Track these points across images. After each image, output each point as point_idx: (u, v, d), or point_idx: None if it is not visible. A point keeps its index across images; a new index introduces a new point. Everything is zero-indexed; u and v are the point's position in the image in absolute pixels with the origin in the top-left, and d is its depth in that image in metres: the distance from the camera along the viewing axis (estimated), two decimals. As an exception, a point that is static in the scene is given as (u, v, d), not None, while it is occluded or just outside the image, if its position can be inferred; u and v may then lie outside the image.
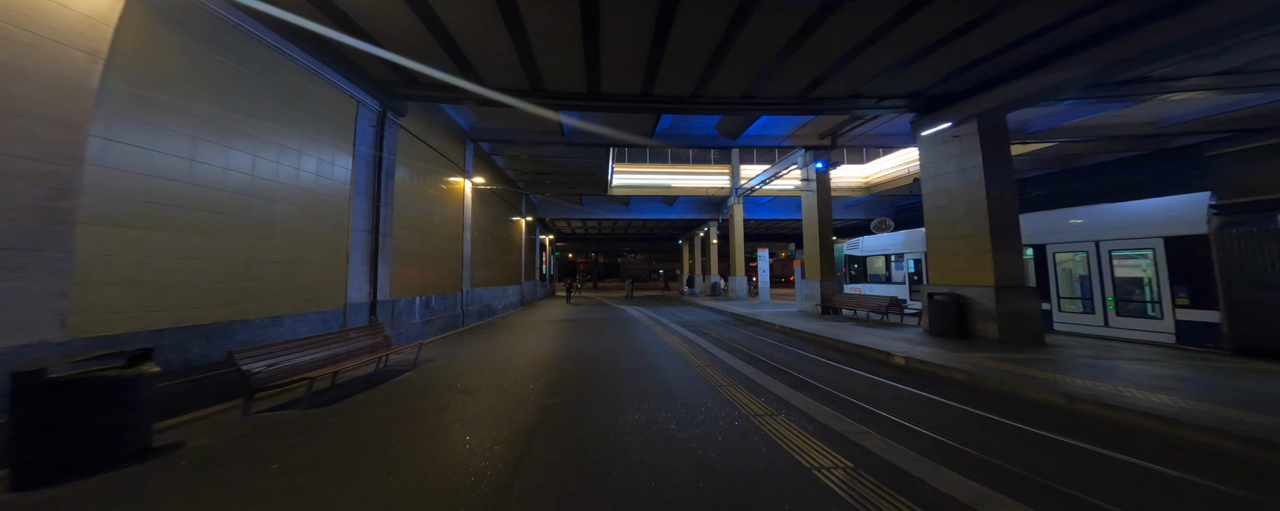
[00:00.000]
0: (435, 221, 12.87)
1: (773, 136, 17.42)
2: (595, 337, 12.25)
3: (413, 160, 11.39)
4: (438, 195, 13.19)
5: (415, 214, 11.40)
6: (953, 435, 4.65)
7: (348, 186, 8.46)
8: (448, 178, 14.02)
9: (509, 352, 9.79)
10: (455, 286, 14.48)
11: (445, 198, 13.84)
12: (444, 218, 13.58)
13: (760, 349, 10.15)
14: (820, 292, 15.59)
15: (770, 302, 22.03)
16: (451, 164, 14.29)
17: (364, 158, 8.97)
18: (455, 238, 14.58)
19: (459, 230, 14.97)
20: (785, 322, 13.82)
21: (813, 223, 16.48)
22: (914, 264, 15.79)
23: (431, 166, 12.61)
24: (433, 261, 12.56)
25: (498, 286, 20.20)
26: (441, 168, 13.43)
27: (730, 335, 12.69)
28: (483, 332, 13.43)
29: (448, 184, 14.09)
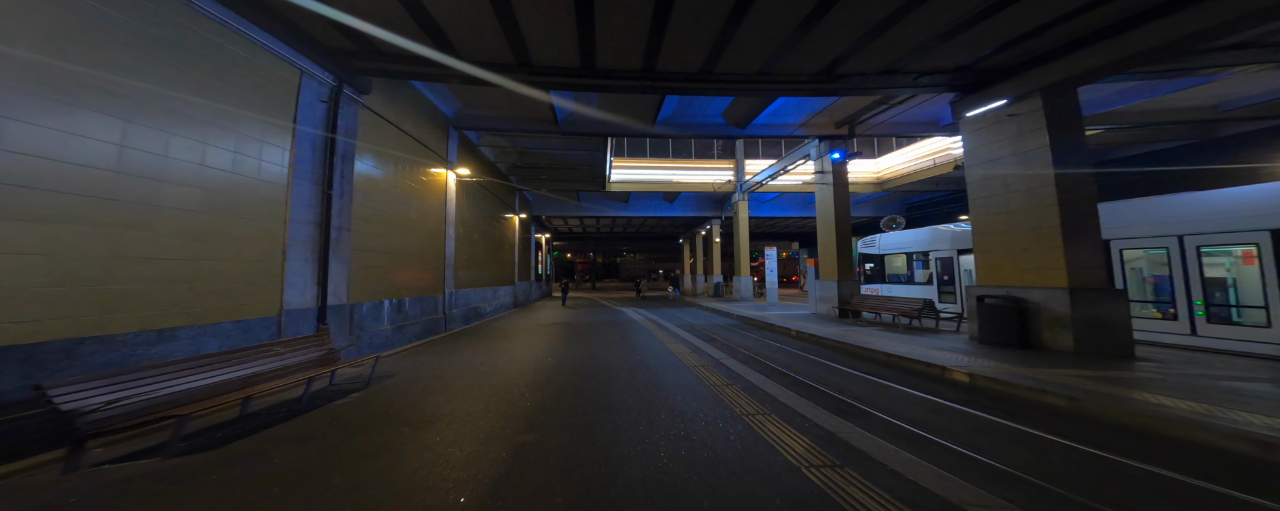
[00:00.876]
0: (411, 216, 11.31)
1: (784, 125, 15.89)
2: (591, 346, 10.69)
3: (381, 145, 9.83)
4: (414, 186, 11.63)
5: (383, 206, 9.84)
6: (1131, 507, 3.11)
7: (285, 170, 6.90)
8: (427, 168, 12.46)
9: (489, 365, 8.23)
10: (436, 288, 12.92)
11: (424, 190, 12.28)
12: (422, 212, 12.02)
13: (781, 359, 8.60)
14: (838, 294, 14.04)
15: (779, 304, 20.48)
16: (431, 153, 12.73)
17: (310, 138, 7.41)
18: (436, 234, 13.02)
19: (440, 226, 13.40)
20: (801, 327, 12.28)
21: (829, 218, 14.94)
22: (940, 263, 14.23)
23: (406, 154, 11.05)
24: (407, 260, 11.00)
25: (487, 288, 18.63)
26: (418, 156, 11.88)
27: (742, 342, 11.15)
28: (465, 339, 11.87)
29: (427, 175, 12.53)
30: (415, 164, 11.65)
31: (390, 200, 10.24)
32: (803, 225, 33.52)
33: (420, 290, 11.73)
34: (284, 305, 6.64)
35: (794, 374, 7.35)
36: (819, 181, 15.79)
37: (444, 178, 13.79)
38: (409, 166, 11.26)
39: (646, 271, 69.75)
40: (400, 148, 10.75)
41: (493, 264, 19.76)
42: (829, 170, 15.07)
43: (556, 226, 36.56)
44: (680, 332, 12.95)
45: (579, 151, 20.24)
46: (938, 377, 6.78)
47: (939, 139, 18.71)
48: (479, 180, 17.21)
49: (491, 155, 20.04)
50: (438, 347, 10.39)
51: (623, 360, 8.63)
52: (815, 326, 12.31)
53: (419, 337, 11.51)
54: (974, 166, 9.29)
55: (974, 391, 6.05)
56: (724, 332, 12.93)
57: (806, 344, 10.49)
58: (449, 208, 14.02)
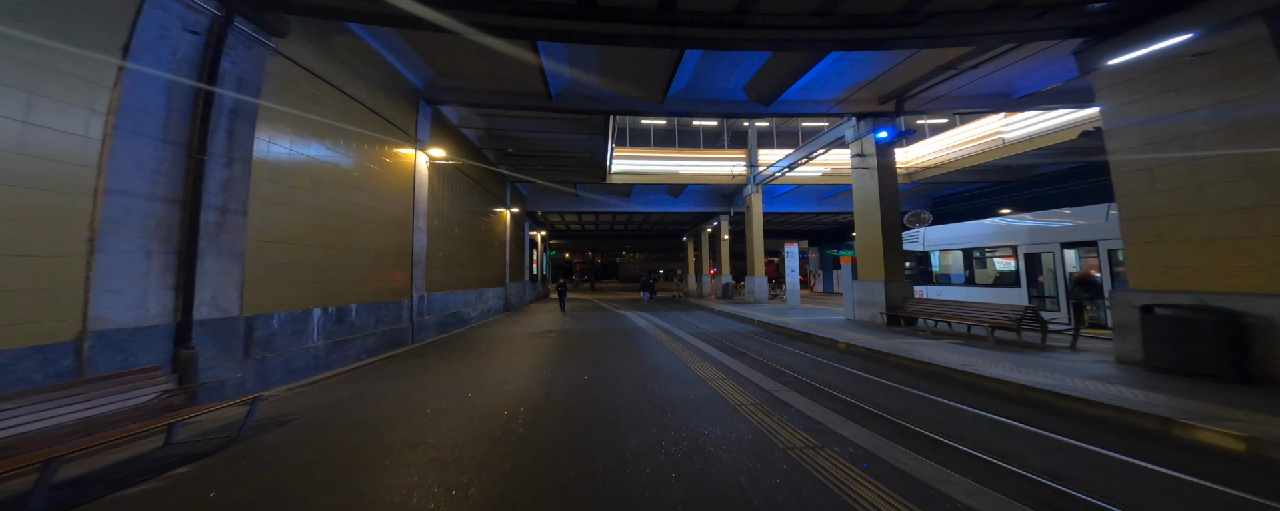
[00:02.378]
0: (360, 202, 8.74)
1: (818, 102, 13.34)
2: (593, 365, 8.13)
3: (310, 110, 7.26)
4: (368, 168, 9.08)
5: (311, 187, 7.29)
6: None
7: (103, 120, 4.30)
8: (387, 147, 9.89)
9: (447, 402, 5.66)
10: (399, 290, 10.33)
11: (382, 173, 9.71)
12: (378, 198, 9.45)
13: (856, 391, 6.05)
14: (885, 297, 11.49)
15: (800, 308, 17.92)
16: (393, 128, 10.16)
17: (159, 82, 4.83)
18: (399, 226, 10.44)
19: (406, 216, 10.82)
20: (847, 337, 9.76)
21: (871, 209, 12.40)
22: (1029, 259, 11.43)
23: (352, 126, 8.49)
24: (352, 256, 8.42)
25: (472, 289, 16.04)
26: (374, 131, 9.32)
27: (783, 358, 8.61)
28: (435, 356, 9.29)
29: (388, 155, 9.96)
30: (368, 140, 9.07)
31: (325, 181, 7.66)
32: (816, 222, 31.01)
33: (375, 294, 9.14)
34: (90, 322, 4.05)
35: (896, 417, 4.80)
36: (857, 167, 13.24)
37: (412, 160, 11.20)
38: (358, 142, 8.69)
39: (647, 271, 67.12)
40: (343, 116, 8.17)
41: (479, 263, 17.17)
42: (871, 152, 12.52)
43: (553, 223, 33.97)
44: (700, 345, 10.39)
45: (577, 136, 17.69)
46: (1161, 437, 4.18)
47: (985, 122, 16.20)
48: (459, 165, 14.63)
49: (477, 139, 17.46)
50: (390, 369, 7.80)
51: (638, 393, 6.06)
52: (867, 338, 9.77)
53: (373, 353, 8.92)
54: (1123, 130, 6.71)
55: (1260, 470, 3.49)
56: (752, 343, 10.38)
57: (872, 363, 7.93)
58: (419, 195, 11.43)
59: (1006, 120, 15.48)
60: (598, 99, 13.45)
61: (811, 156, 17.60)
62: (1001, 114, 15.66)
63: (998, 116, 15.76)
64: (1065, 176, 17.60)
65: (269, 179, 6.29)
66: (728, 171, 23.13)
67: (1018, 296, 11.13)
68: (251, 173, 5.84)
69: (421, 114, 11.84)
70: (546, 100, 12.84)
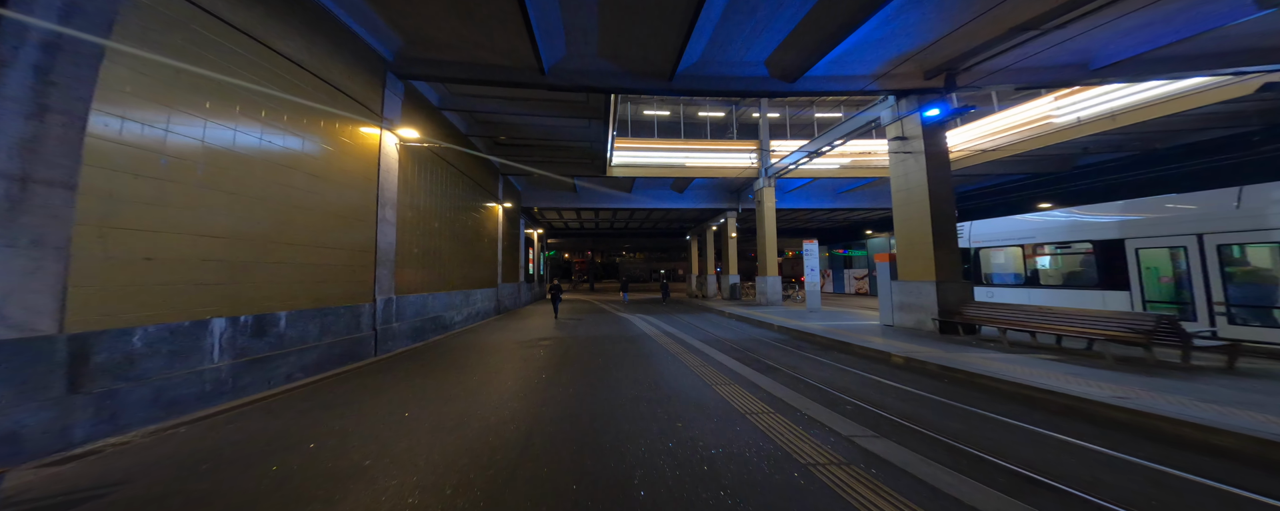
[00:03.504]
0: (294, 185, 6.84)
1: (852, 77, 11.45)
2: (591, 388, 6.24)
3: (210, 62, 5.35)
4: (305, 143, 7.18)
5: (202, 157, 5.37)
6: None
7: None
8: (339, 124, 8.01)
9: (375, 450, 3.76)
10: (357, 293, 8.42)
11: (332, 152, 7.82)
12: (322, 180, 7.55)
13: (952, 427, 4.19)
14: (936, 301, 9.60)
15: (822, 310, 16.04)
16: (347, 101, 8.28)
17: None
18: (357, 216, 8.54)
19: (367, 205, 8.92)
20: (901, 349, 7.89)
21: (917, 199, 10.53)
22: (1141, 256, 9.44)
23: (285, 91, 6.61)
24: (279, 251, 6.52)
25: (457, 291, 14.13)
26: (318, 99, 7.44)
27: (824, 375, 6.74)
28: (396, 372, 7.39)
29: (341, 132, 8.08)
30: (309, 112, 7.17)
31: (236, 155, 5.76)
32: (829, 219, 29.11)
33: (318, 298, 7.23)
34: None
35: (1076, 489, 2.91)
36: (896, 152, 11.36)
37: (375, 140, 9.30)
38: (292, 113, 6.79)
39: (647, 272, 65.18)
40: (267, 77, 6.27)
41: (466, 261, 15.26)
42: (916, 134, 10.64)
43: (550, 220, 32.05)
44: (719, 357, 8.50)
45: (574, 122, 15.80)
46: None
47: (1031, 106, 14.31)
48: (440, 151, 12.72)
49: (464, 126, 15.55)
50: (330, 394, 5.90)
51: (659, 436, 4.16)
52: (926, 350, 7.88)
53: (315, 371, 7.02)
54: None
55: None
56: (780, 355, 8.51)
57: (952, 387, 6.04)
58: (386, 182, 9.54)
59: (1057, 103, 13.61)
60: (597, 74, 11.57)
61: (834, 145, 15.73)
62: (1051, 96, 13.81)
63: (1046, 98, 13.89)
64: (1113, 167, 15.69)
65: (130, 144, 4.39)
66: (737, 163, 21.25)
67: (1116, 301, 9.11)
68: (86, 131, 3.94)
69: (390, 89, 9.94)
70: (538, 75, 10.96)
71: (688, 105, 24.54)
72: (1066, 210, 10.78)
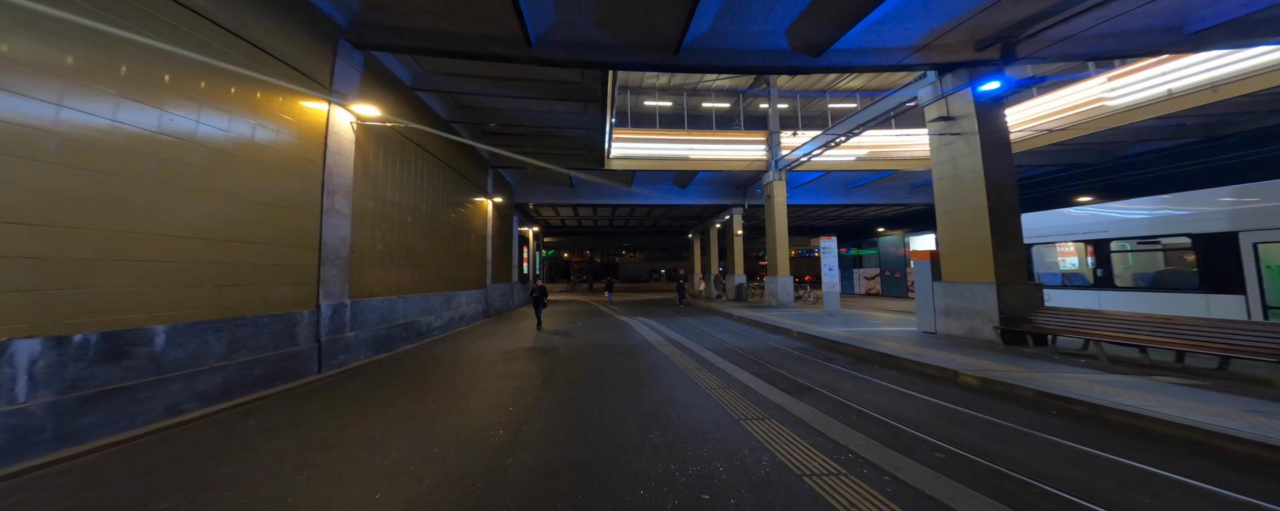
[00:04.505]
0: (186, 160, 5.17)
1: (886, 49, 9.73)
2: (581, 423, 4.56)
3: None
4: (222, 117, 5.50)
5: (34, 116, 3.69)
6: None
7: None
8: (263, 92, 6.30)
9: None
10: (292, 298, 6.73)
11: (258, 127, 6.13)
12: (230, 159, 5.86)
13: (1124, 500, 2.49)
14: (997, 306, 7.89)
15: (841, 313, 14.35)
16: (275, 64, 6.59)
17: None
18: (292, 204, 6.85)
19: (307, 192, 7.23)
20: (966, 365, 6.21)
21: (968, 187, 8.84)
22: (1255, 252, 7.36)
23: (172, 40, 4.91)
24: (148, 246, 4.82)
25: (436, 293, 12.44)
26: (229, 57, 5.73)
27: (880, 402, 5.06)
28: (335, 397, 5.72)
29: (270, 103, 6.39)
30: (203, 72, 5.45)
31: (69, 123, 4.06)
32: (839, 216, 27.38)
33: (223, 306, 5.53)
34: None
35: None
36: (939, 135, 9.66)
37: (319, 118, 7.61)
38: (176, 70, 5.08)
39: (647, 272, 63.42)
40: (126, 13, 4.56)
41: (449, 260, 13.57)
42: (967, 113, 8.93)
43: (546, 218, 30.31)
44: (739, 374, 6.80)
45: (568, 107, 14.12)
46: None
47: (1080, 88, 12.56)
48: (413, 136, 11.00)
49: (444, 110, 13.86)
50: (211, 436, 4.21)
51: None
52: (1002, 367, 6.17)
53: (217, 399, 5.31)
54: None
55: None
56: (811, 370, 6.81)
57: (1062, 424, 4.34)
58: (336, 167, 7.85)
59: (1110, 84, 11.89)
60: (592, 47, 9.88)
61: (855, 132, 14.02)
62: (1104, 76, 12.10)
63: (1098, 79, 12.17)
64: (1170, 156, 13.90)
65: None
66: (744, 156, 19.53)
67: (1225, 307, 7.31)
68: None
69: (344, 59, 8.23)
70: (524, 47, 9.27)
71: (691, 96, 22.82)
72: (1149, 200, 9.02)
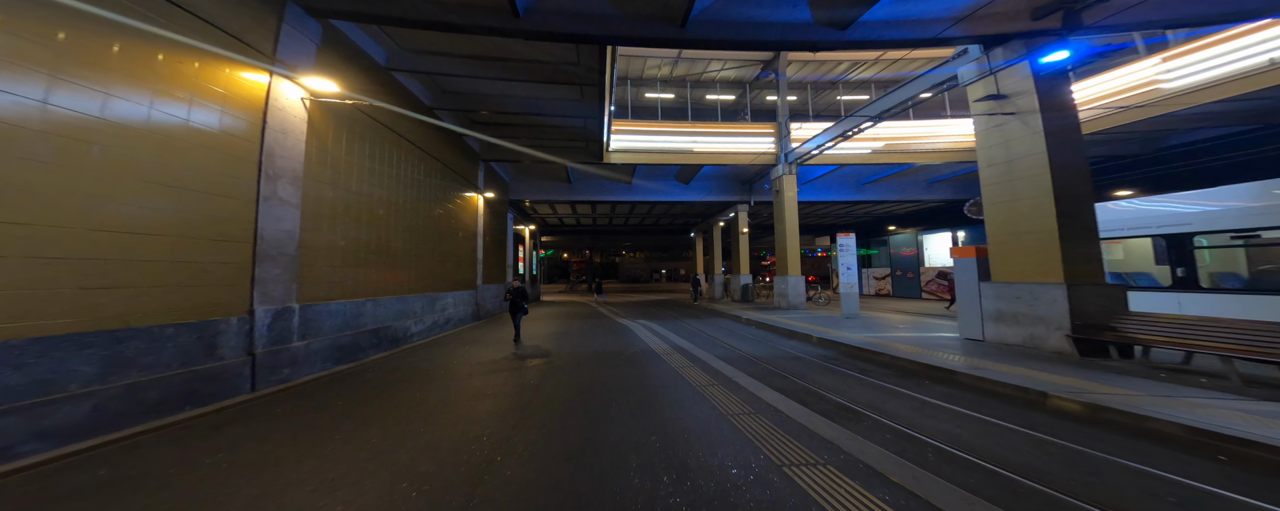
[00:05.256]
0: (48, 131, 3.82)
1: (925, 20, 8.39)
2: (562, 466, 3.12)
3: None
4: (130, 82, 4.18)
5: None
6: None
7: None
8: (182, 54, 4.96)
9: None
10: (215, 303, 5.40)
11: (166, 94, 4.80)
12: (138, 130, 4.53)
13: None
14: (1069, 310, 6.54)
15: (861, 316, 13.01)
16: (194, 22, 5.25)
17: None
18: (224, 190, 5.55)
19: (240, 174, 5.91)
20: (1054, 384, 4.87)
21: (1026, 172, 7.50)
22: None
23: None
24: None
25: (417, 294, 11.12)
26: (132, 7, 4.42)
27: (971, 438, 3.70)
28: (245, 429, 4.40)
29: (186, 67, 5.05)
30: (53, 9, 4.14)
31: None
32: (849, 214, 26.03)
33: (97, 315, 4.21)
34: None
35: None
36: (988, 115, 8.32)
37: (258, 90, 6.28)
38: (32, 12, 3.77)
39: (648, 272, 62.05)
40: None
41: (432, 259, 12.24)
42: (1024, 90, 7.57)
43: (543, 216, 28.95)
44: (762, 391, 5.44)
45: (562, 94, 12.80)
46: None
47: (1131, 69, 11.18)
48: (390, 122, 9.64)
49: (427, 95, 12.53)
50: (34, 497, 2.90)
51: None
52: (1111, 391, 4.83)
53: (87, 433, 3.97)
54: None
55: None
56: (845, 385, 5.47)
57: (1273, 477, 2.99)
58: (277, 147, 6.53)
59: (1166, 65, 10.54)
60: (588, 18, 8.57)
61: (875, 120, 12.67)
62: (1157, 57, 10.76)
63: (1151, 60, 10.82)
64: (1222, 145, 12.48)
65: None
66: (752, 149, 18.19)
67: None
68: None
69: (293, 25, 6.91)
70: (510, 17, 7.98)
71: (695, 88, 21.51)
72: (1246, 188, 7.61)
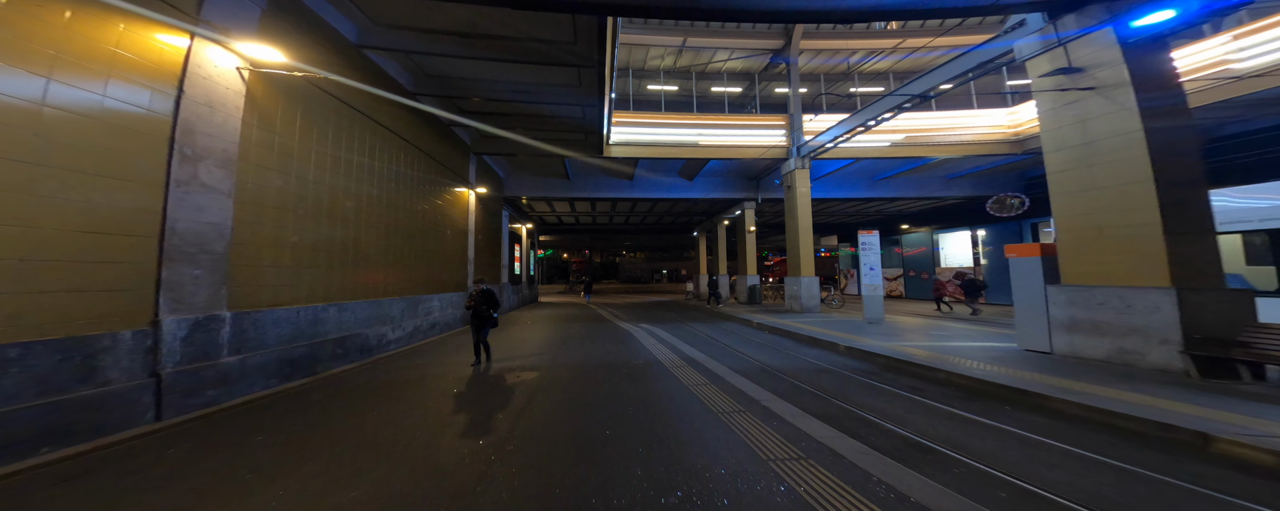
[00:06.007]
0: None
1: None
2: None
3: None
4: None
5: None
6: None
7: None
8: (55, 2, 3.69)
9: None
10: (102, 313, 4.10)
11: (48, 51, 3.51)
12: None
13: None
14: (1179, 321, 5.22)
15: (885, 321, 11.71)
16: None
17: None
18: (115, 171, 4.24)
19: (146, 153, 4.61)
20: (1222, 426, 3.55)
21: (1110, 156, 6.20)
22: None
23: None
24: None
25: (394, 298, 9.83)
26: None
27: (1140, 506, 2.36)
28: (122, 472, 3.11)
29: (57, 14, 3.77)
30: None
31: None
32: (859, 211, 24.69)
33: None
34: None
35: None
36: (1056, 90, 7.00)
37: (175, 54, 4.98)
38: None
39: (649, 272, 60.72)
40: None
41: (413, 258, 10.93)
42: (1109, 61, 6.25)
43: (541, 214, 27.64)
44: (801, 421, 4.13)
45: (557, 79, 11.47)
46: None
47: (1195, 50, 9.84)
48: (364, 106, 8.32)
49: (408, 79, 11.24)
50: None
51: None
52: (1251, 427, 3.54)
53: None
54: None
55: None
56: (902, 410, 4.17)
57: None
58: (203, 123, 5.24)
59: (1238, 43, 9.25)
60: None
61: (896, 110, 11.38)
62: (1228, 35, 9.47)
63: (1222, 38, 9.52)
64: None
65: None
66: (761, 142, 16.90)
67: None
68: None
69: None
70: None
71: (700, 79, 20.24)
72: None
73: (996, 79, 16.44)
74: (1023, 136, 14.81)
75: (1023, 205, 16.67)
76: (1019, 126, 14.90)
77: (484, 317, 7.50)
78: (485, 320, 7.50)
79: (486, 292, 7.62)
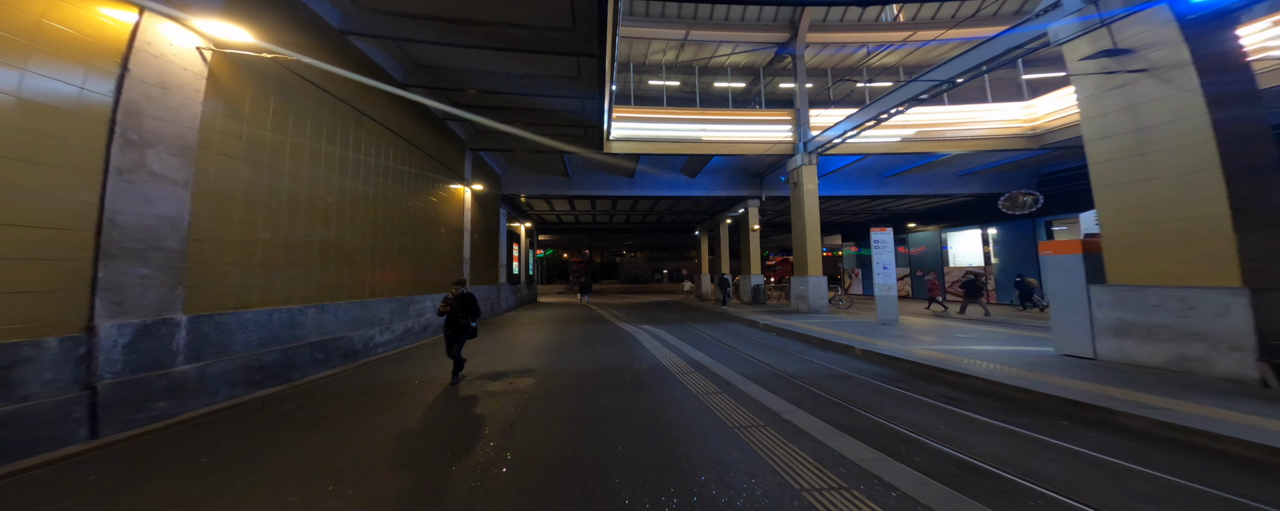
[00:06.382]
0: None
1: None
2: None
3: None
4: None
5: None
6: None
7: None
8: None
9: None
10: (26, 317, 3.46)
11: None
12: None
13: None
14: (1253, 325, 4.63)
15: (898, 323, 11.09)
16: None
17: None
18: (40, 156, 3.60)
19: (81, 137, 3.98)
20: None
21: (1173, 142, 5.57)
22: None
23: None
24: None
25: (383, 299, 9.22)
26: None
27: None
28: None
29: None
30: None
31: None
32: (864, 210, 24.03)
33: None
34: None
35: None
36: (1097, 74, 6.39)
37: (119, 29, 4.37)
38: None
39: (650, 272, 60.06)
40: None
41: (401, 257, 10.32)
42: (1165, 40, 5.64)
43: (540, 212, 26.99)
44: (830, 438, 3.53)
45: (555, 69, 10.88)
46: None
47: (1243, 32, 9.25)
48: (350, 96, 7.68)
49: (398, 70, 10.65)
50: None
51: None
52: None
53: None
54: None
55: None
56: (944, 424, 3.58)
57: None
58: (151, 105, 4.62)
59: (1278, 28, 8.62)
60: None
61: (909, 103, 10.77)
62: (1269, 21, 8.86)
63: (1262, 24, 8.89)
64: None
65: None
66: (766, 137, 16.28)
67: None
68: None
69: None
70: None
71: (703, 74, 19.62)
72: None
73: (1011, 72, 15.80)
74: (1040, 130, 14.18)
75: (1036, 202, 16.05)
76: (1036, 120, 14.28)
77: (460, 327, 6.22)
78: (461, 330, 6.22)
79: (466, 297, 6.31)
